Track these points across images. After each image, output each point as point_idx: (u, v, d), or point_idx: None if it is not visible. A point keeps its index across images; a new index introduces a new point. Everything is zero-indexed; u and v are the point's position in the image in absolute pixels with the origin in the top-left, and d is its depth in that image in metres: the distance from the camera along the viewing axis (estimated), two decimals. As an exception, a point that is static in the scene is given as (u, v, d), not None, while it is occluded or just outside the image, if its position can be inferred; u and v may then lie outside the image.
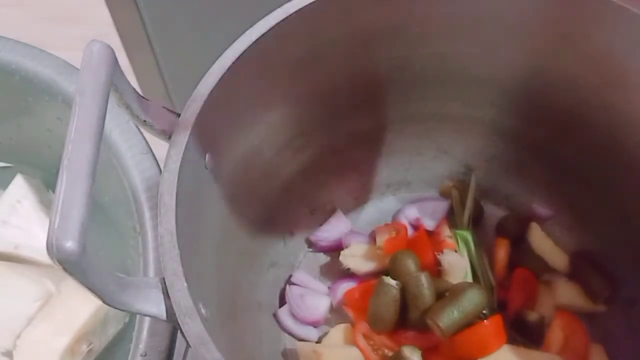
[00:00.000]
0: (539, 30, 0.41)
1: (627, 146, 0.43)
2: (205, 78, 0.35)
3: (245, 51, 0.36)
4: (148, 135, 0.38)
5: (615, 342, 0.47)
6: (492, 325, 0.45)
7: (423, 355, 0.45)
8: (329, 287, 0.52)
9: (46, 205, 0.53)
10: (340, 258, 0.51)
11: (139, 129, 0.44)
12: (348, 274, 0.52)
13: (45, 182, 0.56)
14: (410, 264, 0.48)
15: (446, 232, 0.52)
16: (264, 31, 0.37)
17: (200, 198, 0.36)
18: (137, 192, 0.42)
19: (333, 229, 0.54)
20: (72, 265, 0.26)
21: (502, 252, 0.50)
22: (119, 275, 0.29)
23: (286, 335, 0.50)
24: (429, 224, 0.53)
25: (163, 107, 0.35)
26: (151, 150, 0.44)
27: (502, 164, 0.52)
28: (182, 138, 0.33)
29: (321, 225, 0.54)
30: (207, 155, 0.37)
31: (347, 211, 0.55)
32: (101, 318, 0.48)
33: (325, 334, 0.50)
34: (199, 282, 0.35)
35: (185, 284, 0.30)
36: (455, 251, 0.50)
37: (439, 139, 0.52)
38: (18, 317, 0.48)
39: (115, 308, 0.29)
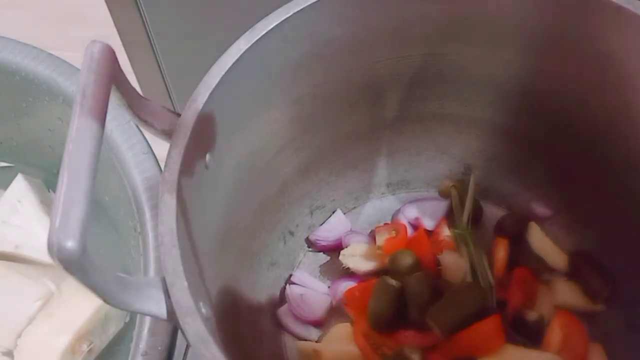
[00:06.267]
0: (539, 31, 0.41)
1: (626, 146, 0.44)
2: (205, 78, 0.35)
3: (245, 51, 0.36)
4: (148, 135, 0.38)
5: (614, 341, 0.47)
6: (491, 325, 0.45)
7: (422, 355, 0.45)
8: (329, 287, 0.52)
9: (47, 205, 0.53)
10: (340, 257, 0.52)
11: (139, 129, 0.44)
12: (348, 274, 0.52)
13: (46, 182, 0.56)
14: (409, 263, 0.48)
15: (446, 231, 0.52)
16: (265, 31, 0.37)
17: (200, 198, 0.36)
18: (138, 192, 0.42)
19: (333, 228, 0.54)
20: (73, 265, 0.26)
21: (501, 251, 0.50)
22: (120, 275, 0.29)
23: (286, 334, 0.50)
24: (428, 223, 0.53)
25: (163, 107, 0.35)
26: (152, 150, 0.44)
27: (502, 164, 0.52)
28: (183, 138, 0.33)
29: (321, 225, 0.54)
30: (207, 155, 0.37)
31: (347, 211, 0.55)
32: (102, 317, 0.48)
33: (325, 333, 0.50)
34: (200, 281, 0.35)
35: (186, 283, 0.30)
36: (455, 251, 0.50)
37: (439, 138, 0.52)
38: (19, 316, 0.48)
39: (116, 307, 0.29)
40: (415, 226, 0.54)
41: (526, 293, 0.49)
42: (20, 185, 0.53)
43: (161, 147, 0.36)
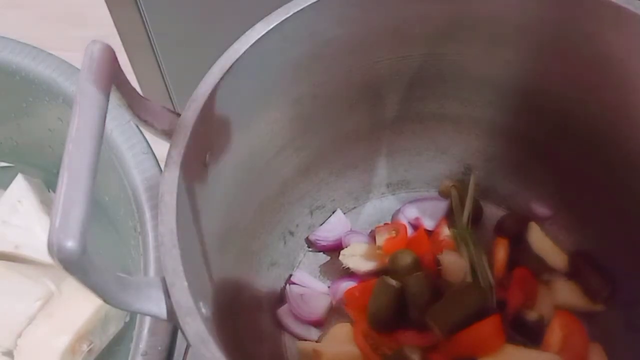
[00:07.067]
0: (539, 31, 0.41)
1: (626, 146, 0.44)
2: (205, 78, 0.35)
3: (245, 51, 0.36)
4: (148, 135, 0.38)
5: (614, 341, 0.47)
6: (491, 325, 0.45)
7: (423, 355, 0.45)
8: (329, 287, 0.52)
9: (47, 205, 0.53)
10: (340, 257, 0.52)
11: (139, 129, 0.44)
12: (348, 274, 0.52)
13: (46, 182, 0.56)
14: (409, 263, 0.48)
15: (446, 231, 0.52)
16: (265, 31, 0.37)
17: (200, 198, 0.36)
18: (138, 192, 0.43)
19: (333, 228, 0.54)
20: (73, 265, 0.26)
21: (501, 251, 0.50)
22: (120, 275, 0.29)
23: (286, 334, 0.50)
24: (428, 223, 0.53)
25: (163, 107, 0.35)
26: (152, 150, 0.44)
27: (502, 164, 0.52)
28: (183, 138, 0.33)
29: (321, 225, 0.54)
30: (207, 155, 0.37)
31: (347, 211, 0.55)
32: (102, 317, 0.48)
33: (325, 333, 0.50)
34: (199, 281, 0.35)
35: (186, 283, 0.30)
36: (455, 251, 0.50)
37: (439, 138, 0.52)
38: (19, 316, 0.48)
39: (116, 307, 0.29)
40: (415, 226, 0.54)
41: (526, 293, 0.49)
42: (20, 185, 0.53)
43: (161, 147, 0.36)
